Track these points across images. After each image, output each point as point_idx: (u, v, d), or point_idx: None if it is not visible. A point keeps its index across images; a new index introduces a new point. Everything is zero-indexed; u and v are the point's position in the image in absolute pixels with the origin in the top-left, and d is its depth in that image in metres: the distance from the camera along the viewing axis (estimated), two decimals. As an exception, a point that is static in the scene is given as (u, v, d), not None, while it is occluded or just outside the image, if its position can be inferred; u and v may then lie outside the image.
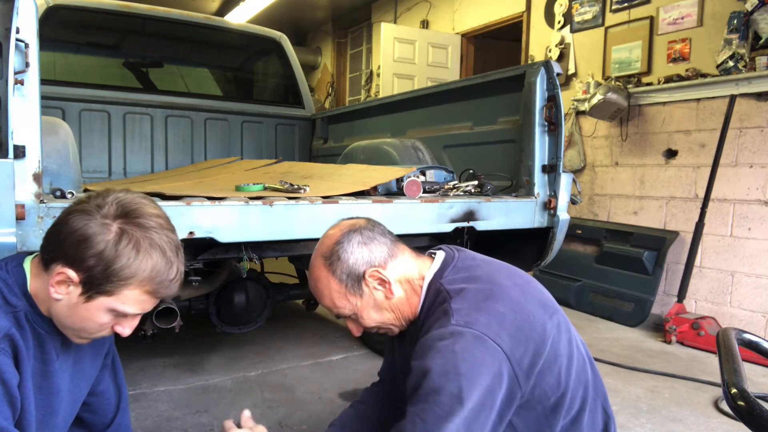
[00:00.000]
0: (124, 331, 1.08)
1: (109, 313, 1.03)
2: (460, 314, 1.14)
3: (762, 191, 3.31)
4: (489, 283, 1.22)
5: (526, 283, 1.27)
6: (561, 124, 2.22)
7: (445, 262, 1.30)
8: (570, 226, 2.39)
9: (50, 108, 3.13)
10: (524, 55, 5.03)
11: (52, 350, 1.10)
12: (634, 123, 4.02)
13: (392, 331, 1.33)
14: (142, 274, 1.00)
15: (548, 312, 1.21)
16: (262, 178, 2.42)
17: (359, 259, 1.24)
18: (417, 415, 1.08)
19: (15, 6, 1.34)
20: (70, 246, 0.99)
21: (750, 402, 0.82)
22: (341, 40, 8.35)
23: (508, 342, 1.11)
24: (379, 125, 3.34)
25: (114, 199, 1.02)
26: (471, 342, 1.09)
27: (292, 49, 4.21)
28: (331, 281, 1.25)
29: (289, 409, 2.31)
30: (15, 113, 1.36)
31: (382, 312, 1.28)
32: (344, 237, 1.26)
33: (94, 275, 0.98)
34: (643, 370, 2.90)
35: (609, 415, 1.28)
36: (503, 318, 1.14)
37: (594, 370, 1.30)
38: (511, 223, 2.20)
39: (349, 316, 1.29)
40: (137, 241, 0.99)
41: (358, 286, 1.24)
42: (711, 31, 3.53)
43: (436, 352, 1.10)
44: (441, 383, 1.07)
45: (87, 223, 0.99)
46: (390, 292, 1.26)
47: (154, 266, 1.01)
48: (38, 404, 1.09)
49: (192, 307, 2.46)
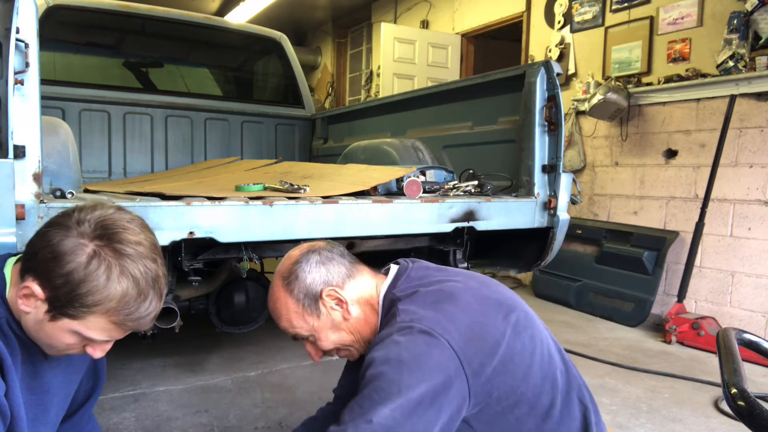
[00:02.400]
0: (95, 353, 1.02)
1: (74, 335, 0.98)
2: (407, 313, 1.14)
3: (762, 191, 3.31)
4: (439, 287, 1.21)
5: (482, 285, 1.26)
6: (561, 124, 2.21)
7: (398, 274, 1.29)
8: (570, 226, 2.39)
9: (50, 108, 3.13)
10: (524, 55, 5.03)
11: (39, 351, 1.07)
12: (634, 123, 4.02)
13: (352, 354, 1.31)
14: (108, 304, 0.94)
15: (503, 311, 1.19)
16: (262, 178, 2.42)
17: (316, 278, 1.23)
18: (356, 402, 1.07)
19: (15, 6, 1.34)
20: (42, 261, 0.94)
21: (750, 402, 0.82)
22: (341, 40, 8.35)
23: (457, 339, 1.09)
24: (379, 125, 3.34)
25: (97, 217, 0.97)
26: (417, 335, 1.09)
27: (292, 49, 4.21)
28: (288, 301, 1.24)
29: (289, 409, 2.31)
30: (15, 113, 1.36)
31: (340, 333, 1.26)
32: (303, 257, 1.26)
33: (59, 296, 0.93)
34: (643, 370, 2.90)
35: (586, 406, 1.24)
36: (452, 317, 1.12)
37: (565, 361, 1.26)
38: (511, 223, 2.20)
39: (306, 338, 1.27)
40: (109, 267, 0.93)
41: (315, 305, 1.23)
42: (711, 31, 3.53)
43: (381, 345, 1.10)
44: (382, 370, 1.06)
45: (62, 239, 0.93)
46: (347, 312, 1.24)
47: (122, 297, 0.94)
48: (30, 405, 1.07)
49: (192, 307, 2.45)
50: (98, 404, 2.29)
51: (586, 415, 1.24)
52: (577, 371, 1.30)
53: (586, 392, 1.28)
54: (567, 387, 1.23)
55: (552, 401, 1.19)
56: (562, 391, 1.21)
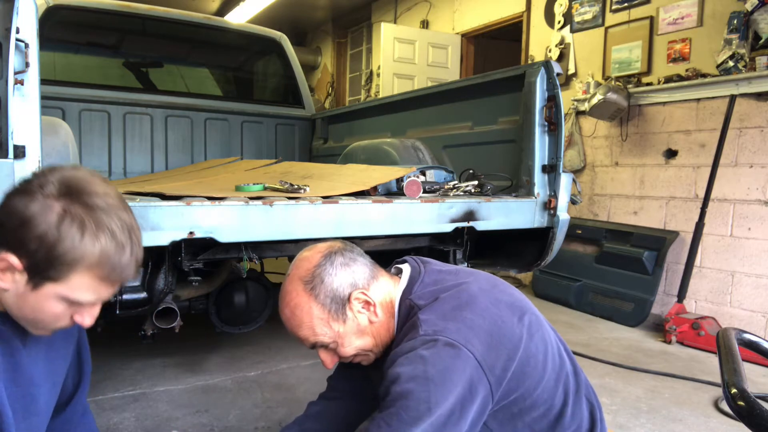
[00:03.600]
0: (84, 320, 1.00)
1: (61, 302, 0.96)
2: (428, 324, 1.11)
3: (762, 191, 3.31)
4: (456, 292, 1.19)
5: (493, 287, 1.24)
6: (561, 124, 2.21)
7: (411, 278, 1.27)
8: (570, 226, 2.39)
9: (50, 108, 3.13)
10: (524, 55, 5.03)
11: (16, 340, 1.04)
12: (634, 123, 4.02)
13: (369, 359, 1.28)
14: (90, 258, 0.92)
15: (517, 314, 1.18)
16: (262, 178, 2.42)
17: (343, 281, 1.18)
18: (383, 419, 1.05)
19: (15, 6, 1.34)
20: (11, 230, 0.91)
21: (750, 402, 0.82)
22: (341, 40, 8.35)
23: (479, 348, 1.08)
24: (379, 125, 3.34)
25: (58, 177, 0.94)
26: (441, 348, 1.07)
27: (292, 49, 4.21)
28: (312, 307, 1.17)
29: (289, 409, 2.31)
30: (15, 113, 1.36)
31: (364, 338, 1.22)
32: (325, 259, 1.20)
33: (37, 260, 0.91)
34: (643, 370, 2.90)
35: (593, 403, 1.26)
36: (473, 324, 1.11)
37: (573, 361, 1.27)
38: (511, 223, 2.20)
39: (327, 345, 1.21)
40: (82, 222, 0.91)
41: (342, 310, 1.18)
42: (711, 31, 3.53)
43: (405, 360, 1.08)
44: (409, 388, 1.04)
45: (28, 204, 0.91)
46: (374, 315, 1.21)
47: (102, 249, 0.93)
48: (16, 397, 1.04)
49: (192, 307, 2.45)
50: (98, 404, 2.29)
51: (593, 412, 1.26)
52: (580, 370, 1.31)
53: (591, 390, 1.29)
54: (576, 386, 1.24)
55: (564, 401, 1.20)
56: (573, 391, 1.22)
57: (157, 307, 2.04)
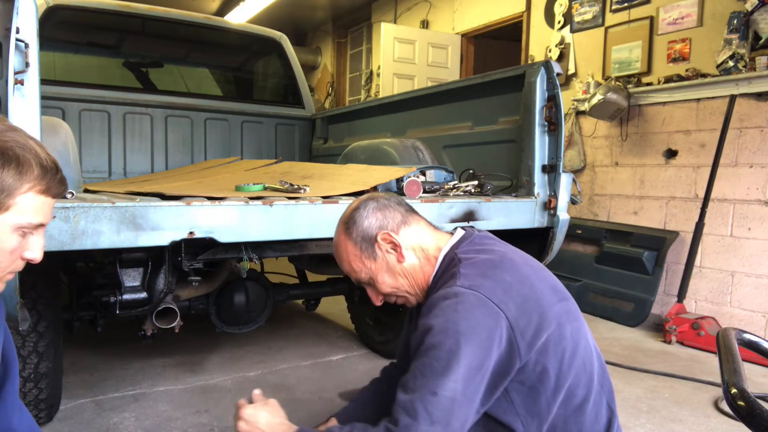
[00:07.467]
0: (34, 253, 1.04)
1: (13, 234, 0.99)
2: (467, 278, 1.19)
3: (762, 191, 3.31)
4: (501, 256, 1.27)
5: (540, 268, 1.32)
6: (561, 124, 2.21)
7: (463, 237, 1.36)
8: (570, 226, 2.39)
9: (50, 108, 3.12)
10: (524, 55, 5.03)
11: None
12: (634, 123, 4.02)
13: (409, 300, 1.38)
14: (29, 176, 0.97)
15: (558, 296, 1.24)
16: (262, 178, 2.42)
17: (373, 223, 1.32)
18: (417, 368, 1.13)
19: (15, 6, 1.34)
20: None
21: (750, 402, 0.82)
22: (341, 40, 8.35)
23: (512, 309, 1.14)
24: (379, 125, 3.34)
25: None
26: (474, 303, 1.14)
27: (292, 49, 4.21)
28: (348, 245, 1.33)
29: (289, 409, 2.29)
30: (15, 113, 1.36)
31: (396, 277, 1.34)
32: (362, 204, 1.35)
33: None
34: (643, 370, 2.90)
35: (613, 412, 1.28)
36: (510, 287, 1.18)
37: (602, 364, 1.31)
38: (511, 223, 2.20)
39: (366, 281, 1.35)
40: (3, 152, 0.96)
41: (371, 248, 1.31)
42: (711, 31, 3.53)
43: (438, 311, 1.15)
44: (441, 339, 1.12)
45: None
46: (402, 256, 1.32)
47: (36, 164, 0.97)
48: None
49: (192, 307, 2.45)
50: (98, 404, 2.29)
51: (611, 420, 1.28)
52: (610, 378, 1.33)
53: (613, 399, 1.31)
54: (600, 389, 1.27)
55: (586, 396, 1.23)
56: (596, 391, 1.25)
57: (157, 307, 2.04)
